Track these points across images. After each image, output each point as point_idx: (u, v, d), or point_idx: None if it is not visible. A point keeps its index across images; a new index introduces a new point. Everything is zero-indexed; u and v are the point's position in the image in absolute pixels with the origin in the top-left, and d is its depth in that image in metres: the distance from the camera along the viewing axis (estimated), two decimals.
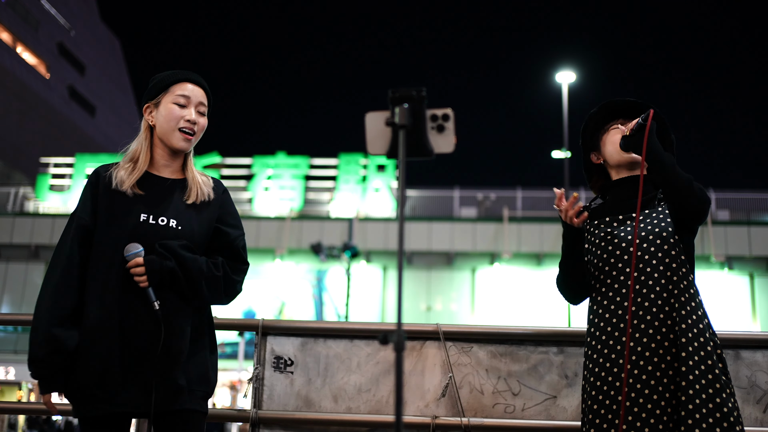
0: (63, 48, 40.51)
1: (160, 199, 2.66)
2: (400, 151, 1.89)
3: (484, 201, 26.70)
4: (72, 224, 2.65)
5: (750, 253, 23.49)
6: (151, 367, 2.52)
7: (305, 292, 25.08)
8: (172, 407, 2.56)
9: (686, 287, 2.56)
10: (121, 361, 2.51)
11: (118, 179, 2.65)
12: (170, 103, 2.71)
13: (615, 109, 2.87)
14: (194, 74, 2.80)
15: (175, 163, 2.76)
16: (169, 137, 2.70)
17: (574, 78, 23.59)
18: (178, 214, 2.65)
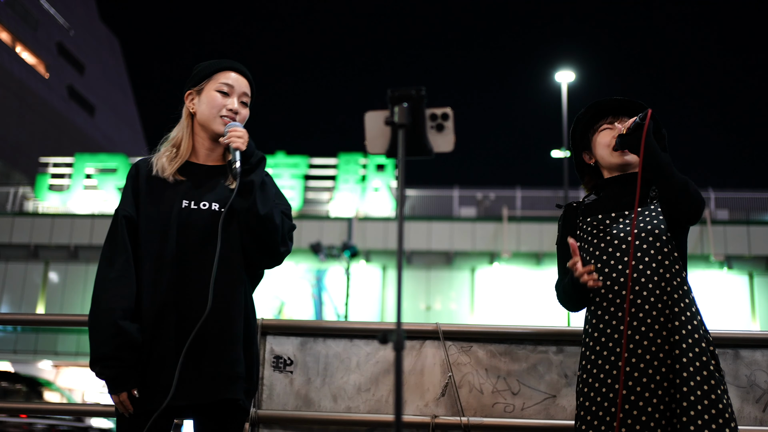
0: (62, 48, 40.49)
1: (201, 185, 2.63)
2: (400, 150, 1.89)
3: (483, 200, 26.71)
4: (117, 219, 2.59)
5: (749, 252, 23.49)
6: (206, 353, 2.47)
7: (305, 292, 25.08)
8: (225, 396, 2.48)
9: (680, 284, 2.57)
10: (176, 350, 2.45)
11: (159, 166, 2.63)
12: (213, 91, 2.68)
13: (602, 109, 2.86)
14: (240, 64, 2.76)
15: (215, 151, 2.73)
16: (211, 124, 2.66)
17: (573, 77, 23.60)
18: (221, 199, 2.61)
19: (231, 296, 2.56)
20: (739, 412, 3.26)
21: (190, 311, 2.49)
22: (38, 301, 25.35)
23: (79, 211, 25.98)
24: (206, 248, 2.55)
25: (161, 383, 2.44)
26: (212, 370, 2.48)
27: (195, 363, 2.47)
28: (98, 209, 25.84)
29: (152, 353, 2.47)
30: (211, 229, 2.57)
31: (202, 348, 2.48)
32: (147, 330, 2.49)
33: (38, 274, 25.66)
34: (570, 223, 2.84)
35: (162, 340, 2.47)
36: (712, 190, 25.10)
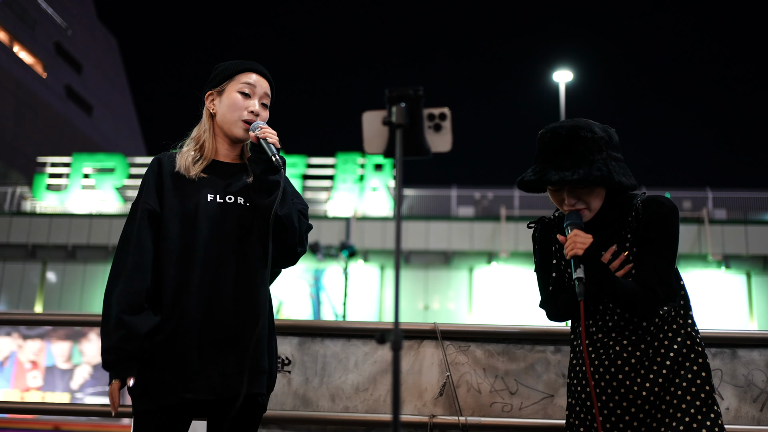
0: (60, 47, 40.44)
1: (225, 181, 2.63)
2: (397, 150, 1.89)
3: (481, 200, 26.71)
4: (137, 212, 2.56)
5: (747, 251, 23.51)
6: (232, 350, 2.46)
7: (303, 292, 25.07)
8: (251, 390, 2.47)
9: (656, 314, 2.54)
10: (199, 345, 2.44)
11: (183, 166, 2.61)
12: (235, 92, 2.67)
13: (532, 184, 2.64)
14: (261, 65, 2.75)
15: (234, 150, 2.73)
16: (231, 127, 2.66)
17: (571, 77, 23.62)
18: (245, 193, 2.61)
19: (256, 291, 2.56)
20: (736, 412, 3.27)
21: (215, 307, 2.49)
22: (36, 300, 25.33)
23: (77, 210, 25.95)
24: (232, 243, 2.55)
25: (184, 377, 2.43)
26: (239, 365, 2.46)
27: (222, 358, 2.46)
28: (96, 209, 25.82)
29: (175, 347, 2.45)
30: (237, 224, 2.57)
31: (229, 343, 2.48)
32: (170, 324, 2.46)
33: (36, 273, 25.63)
34: (546, 240, 2.77)
35: (186, 335, 2.45)
36: (710, 189, 25.13)
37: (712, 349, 3.31)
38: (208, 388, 2.43)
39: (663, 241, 2.51)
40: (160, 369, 2.43)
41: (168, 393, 2.42)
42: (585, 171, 2.45)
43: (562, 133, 2.51)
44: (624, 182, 2.49)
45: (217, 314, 2.48)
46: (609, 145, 2.53)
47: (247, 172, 2.67)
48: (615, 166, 2.51)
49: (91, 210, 25.89)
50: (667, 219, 2.52)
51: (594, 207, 2.55)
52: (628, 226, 2.56)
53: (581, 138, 2.49)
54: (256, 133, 2.60)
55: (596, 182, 2.46)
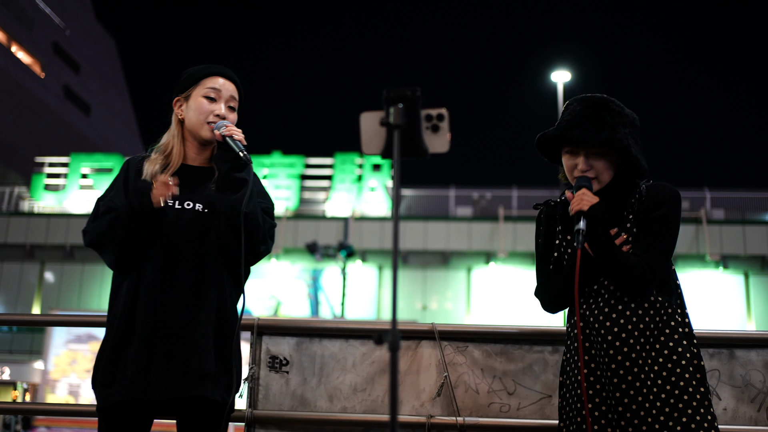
0: (58, 47, 40.42)
1: (188, 186, 2.65)
2: (395, 151, 1.89)
3: (479, 200, 26.72)
4: (99, 207, 2.64)
5: (745, 252, 23.54)
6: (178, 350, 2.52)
7: (301, 292, 25.07)
8: (194, 393, 2.52)
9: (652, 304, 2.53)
10: (149, 346, 2.50)
11: (149, 173, 2.65)
12: (200, 97, 2.71)
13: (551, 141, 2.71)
14: (227, 69, 2.78)
15: (203, 154, 2.76)
16: (198, 130, 2.70)
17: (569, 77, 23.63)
18: (205, 199, 2.65)
19: (203, 295, 2.59)
20: (734, 412, 3.27)
21: (165, 310, 2.55)
22: (34, 301, 25.32)
23: (75, 210, 25.94)
24: (185, 247, 2.60)
25: (133, 377, 2.49)
26: (182, 367, 2.52)
27: (170, 360, 2.52)
28: None
29: (127, 347, 2.52)
30: (191, 228, 2.62)
31: (173, 346, 2.53)
32: (122, 324, 2.53)
33: (34, 274, 25.62)
34: (551, 222, 2.79)
35: (135, 337, 2.52)
36: (708, 189, 25.15)
37: (710, 349, 3.31)
38: (154, 389, 2.49)
39: (663, 221, 2.53)
40: (113, 368, 2.51)
41: (119, 392, 2.49)
42: (608, 135, 2.52)
43: (593, 100, 2.60)
44: (639, 160, 2.55)
45: (167, 317, 2.54)
46: (634, 126, 2.62)
47: (213, 178, 2.70)
48: (635, 145, 2.58)
49: (89, 210, 25.82)
50: (668, 200, 2.56)
51: (603, 180, 2.59)
52: (630, 208, 2.59)
53: (610, 108, 2.58)
54: (221, 131, 2.63)
55: (616, 148, 2.52)
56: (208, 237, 2.63)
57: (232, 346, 2.65)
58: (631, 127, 2.60)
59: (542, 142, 2.69)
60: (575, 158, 2.60)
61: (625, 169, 2.62)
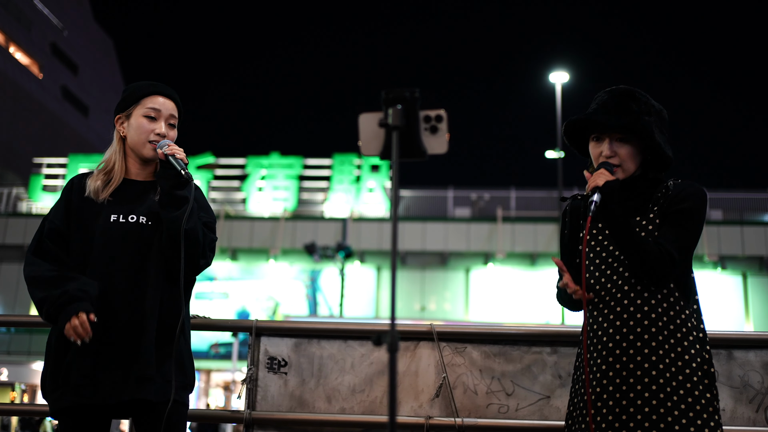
0: (56, 48, 40.37)
1: (131, 200, 2.76)
2: (394, 152, 1.89)
3: (477, 201, 26.73)
4: (44, 226, 2.74)
5: (743, 252, 23.56)
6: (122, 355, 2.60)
7: (299, 293, 25.07)
8: (136, 396, 2.60)
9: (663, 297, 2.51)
10: (93, 353, 2.58)
11: (92, 190, 2.75)
12: (141, 117, 2.79)
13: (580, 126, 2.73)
14: (165, 87, 2.87)
15: (146, 170, 2.85)
16: (140, 149, 2.79)
17: (567, 78, 23.61)
18: (149, 212, 2.74)
19: (143, 304, 2.67)
20: (732, 413, 3.27)
21: (109, 318, 2.62)
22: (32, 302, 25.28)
23: None
24: (129, 259, 2.69)
25: (78, 382, 2.57)
26: (124, 372, 2.60)
27: (113, 366, 2.60)
28: None
29: (71, 354, 2.60)
30: (134, 240, 2.71)
31: (116, 352, 2.61)
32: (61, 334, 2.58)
33: None
34: (576, 215, 2.77)
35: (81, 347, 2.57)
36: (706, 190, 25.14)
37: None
38: (97, 393, 2.57)
39: (686, 214, 2.54)
40: (60, 373, 2.59)
41: (65, 396, 2.58)
42: (631, 120, 2.56)
43: (620, 90, 2.65)
44: (663, 147, 2.57)
45: (110, 325, 2.61)
46: (660, 116, 2.64)
47: (156, 190, 2.79)
48: (660, 134, 2.60)
49: None
50: (695, 195, 2.58)
51: (627, 168, 2.61)
52: (655, 202, 2.59)
53: (636, 98, 2.62)
54: (164, 150, 2.73)
55: (639, 133, 2.55)
56: (151, 248, 2.72)
57: (173, 349, 2.71)
58: (657, 117, 2.63)
59: (570, 130, 2.74)
60: (600, 145, 2.63)
61: (652, 162, 2.63)
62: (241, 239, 24.72)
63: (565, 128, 2.74)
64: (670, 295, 2.52)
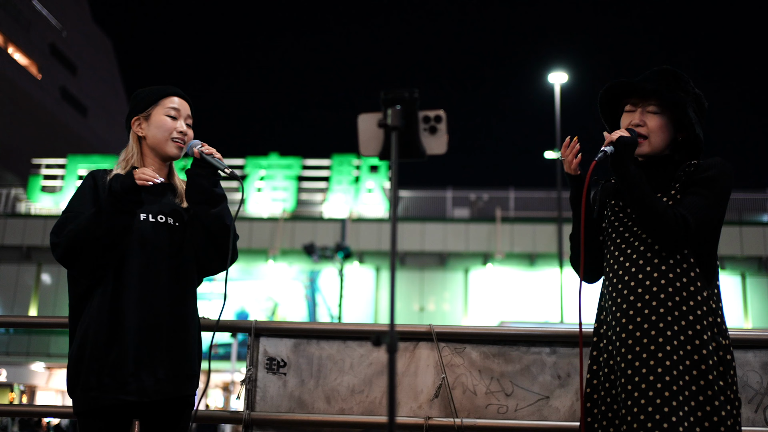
0: (55, 49, 40.34)
1: (153, 201, 2.80)
2: (393, 152, 1.89)
3: (476, 201, 26.72)
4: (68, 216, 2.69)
5: (742, 253, 23.56)
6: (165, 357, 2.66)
7: (298, 293, 25.06)
8: (183, 392, 2.71)
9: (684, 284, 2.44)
10: (134, 351, 2.62)
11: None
12: (162, 115, 2.84)
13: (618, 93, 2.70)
14: (180, 90, 2.94)
15: (163, 170, 2.89)
16: (163, 146, 2.83)
17: (566, 79, 23.61)
18: (173, 213, 2.82)
19: (187, 303, 2.80)
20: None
21: (150, 317, 2.67)
22: (31, 302, 25.28)
23: None
24: (164, 259, 2.75)
25: (120, 380, 2.60)
26: (170, 370, 2.68)
27: (156, 363, 2.65)
28: None
29: (109, 355, 2.61)
30: (169, 241, 2.77)
31: (162, 349, 2.67)
32: (107, 330, 2.62)
33: (31, 275, 25.57)
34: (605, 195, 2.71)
35: (122, 341, 2.61)
36: None
37: None
38: (141, 391, 2.61)
39: (707, 181, 2.48)
40: (99, 372, 2.59)
41: (105, 395, 2.59)
42: (664, 88, 2.54)
43: (664, 68, 2.62)
44: (694, 122, 2.54)
45: (151, 323, 2.67)
46: (697, 100, 2.62)
47: (173, 192, 2.89)
48: (693, 113, 2.57)
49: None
50: (717, 166, 2.52)
51: (654, 142, 2.57)
52: (678, 179, 2.54)
53: (677, 76, 2.61)
54: (199, 149, 2.80)
55: (673, 103, 2.52)
56: (181, 249, 2.80)
57: (197, 344, 2.84)
58: (694, 100, 2.60)
59: (605, 100, 2.71)
60: (632, 115, 2.61)
61: (682, 144, 2.60)
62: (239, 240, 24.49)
63: (600, 97, 2.71)
64: (690, 270, 2.45)
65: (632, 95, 2.62)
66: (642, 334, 2.42)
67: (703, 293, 2.45)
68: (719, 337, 2.43)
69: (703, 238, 2.47)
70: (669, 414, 2.30)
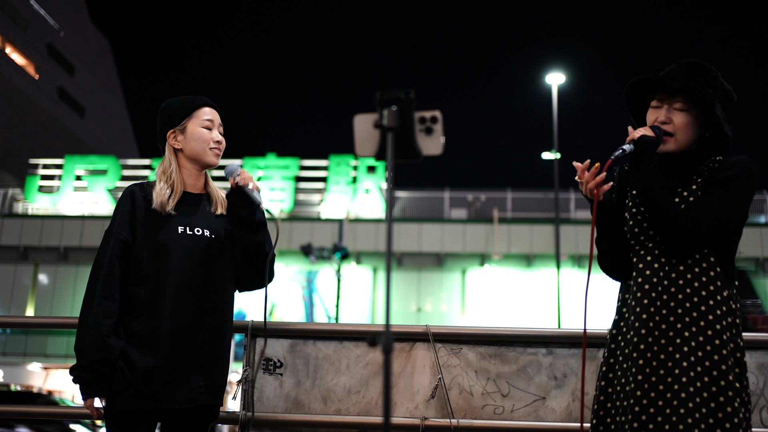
0: (52, 49, 40.31)
1: (192, 213, 2.89)
2: (389, 153, 1.89)
3: (474, 202, 26.73)
4: (110, 241, 2.78)
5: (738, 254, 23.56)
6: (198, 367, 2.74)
7: (295, 294, 25.05)
8: (213, 401, 2.79)
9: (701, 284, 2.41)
10: (169, 359, 2.69)
11: (158, 203, 2.83)
12: (198, 127, 2.92)
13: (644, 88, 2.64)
14: (208, 99, 3.02)
15: (200, 180, 2.99)
16: (203, 157, 2.93)
17: (563, 79, 23.62)
18: (209, 225, 2.90)
19: (224, 316, 2.89)
20: None
21: (186, 325, 2.74)
22: (28, 303, 25.25)
23: (69, 212, 25.88)
24: (201, 272, 2.83)
25: (153, 387, 2.67)
26: (206, 379, 2.76)
27: (190, 372, 2.73)
28: (88, 211, 25.75)
29: (147, 360, 2.68)
30: (206, 254, 2.85)
31: (197, 359, 2.75)
32: (143, 339, 2.70)
33: (28, 275, 25.54)
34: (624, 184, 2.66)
35: (158, 350, 2.69)
36: None
37: None
38: (174, 399, 2.69)
39: (726, 182, 2.43)
40: (132, 377, 2.66)
41: (138, 400, 2.66)
42: (691, 85, 2.49)
43: (691, 61, 2.58)
44: (722, 123, 2.48)
45: (187, 333, 2.75)
46: (726, 95, 2.56)
47: (209, 202, 2.97)
48: (721, 110, 2.51)
49: (84, 212, 25.82)
50: (739, 164, 2.46)
51: (680, 139, 2.52)
52: (700, 174, 2.49)
53: (705, 70, 2.55)
54: (236, 180, 2.90)
55: (697, 100, 2.47)
56: (216, 260, 2.88)
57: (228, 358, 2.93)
58: (723, 95, 2.54)
59: (630, 94, 2.66)
60: (658, 111, 2.56)
61: (710, 141, 2.55)
62: None
63: (626, 91, 2.66)
64: (710, 269, 2.43)
65: (658, 91, 2.57)
66: (660, 334, 2.39)
67: (723, 293, 2.42)
68: (737, 339, 2.40)
69: (718, 241, 2.45)
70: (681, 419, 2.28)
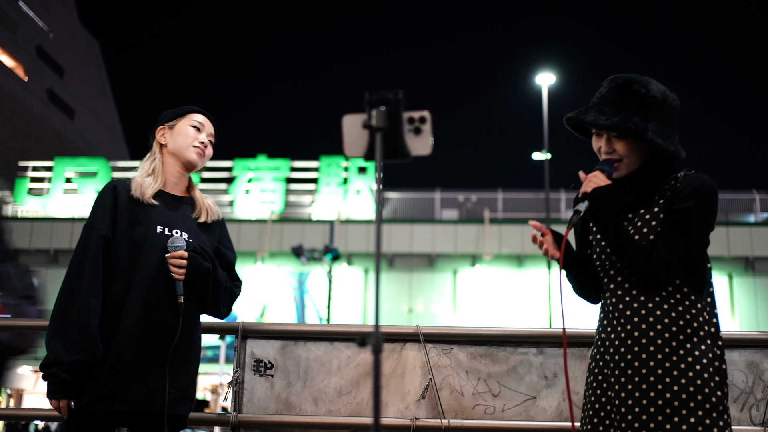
0: (41, 51, 40.15)
1: (172, 213, 2.86)
2: (377, 153, 1.89)
3: (465, 203, 26.75)
4: (92, 236, 2.74)
5: (728, 253, 23.67)
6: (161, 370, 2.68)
7: (287, 295, 25.01)
8: (174, 411, 2.72)
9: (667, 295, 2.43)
10: (131, 361, 2.65)
11: (139, 190, 2.81)
12: (187, 126, 2.94)
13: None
14: (207, 111, 3.04)
15: (182, 182, 2.96)
16: (184, 151, 2.91)
17: (554, 80, 23.67)
18: (189, 229, 2.86)
19: (195, 323, 2.85)
20: None
21: (155, 331, 2.70)
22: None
23: (59, 215, 25.79)
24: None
25: (113, 389, 2.63)
26: (171, 386, 2.70)
27: (151, 376, 2.68)
28: (78, 213, 25.65)
29: (108, 361, 2.65)
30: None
31: (159, 363, 2.69)
32: (107, 342, 2.66)
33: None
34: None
35: (119, 351, 2.65)
36: None
37: None
38: (133, 401, 2.64)
39: (687, 213, 2.42)
40: (94, 379, 2.63)
41: (98, 401, 2.62)
42: (620, 120, 2.48)
43: (617, 82, 2.57)
44: (660, 144, 2.46)
45: (151, 335, 2.69)
46: (660, 106, 2.52)
47: (192, 208, 2.94)
48: (657, 127, 2.48)
49: (74, 214, 25.72)
50: (699, 193, 2.44)
51: (628, 163, 2.53)
52: (662, 194, 2.49)
53: (632, 90, 2.52)
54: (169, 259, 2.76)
55: (628, 134, 2.47)
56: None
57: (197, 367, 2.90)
58: (655, 109, 2.50)
59: (568, 124, 2.68)
60: (600, 140, 2.58)
61: (659, 153, 2.53)
62: None
63: (565, 121, 2.68)
64: (678, 290, 2.43)
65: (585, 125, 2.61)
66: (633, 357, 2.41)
67: (697, 305, 2.44)
68: (714, 348, 2.42)
69: (687, 269, 2.46)
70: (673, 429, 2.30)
